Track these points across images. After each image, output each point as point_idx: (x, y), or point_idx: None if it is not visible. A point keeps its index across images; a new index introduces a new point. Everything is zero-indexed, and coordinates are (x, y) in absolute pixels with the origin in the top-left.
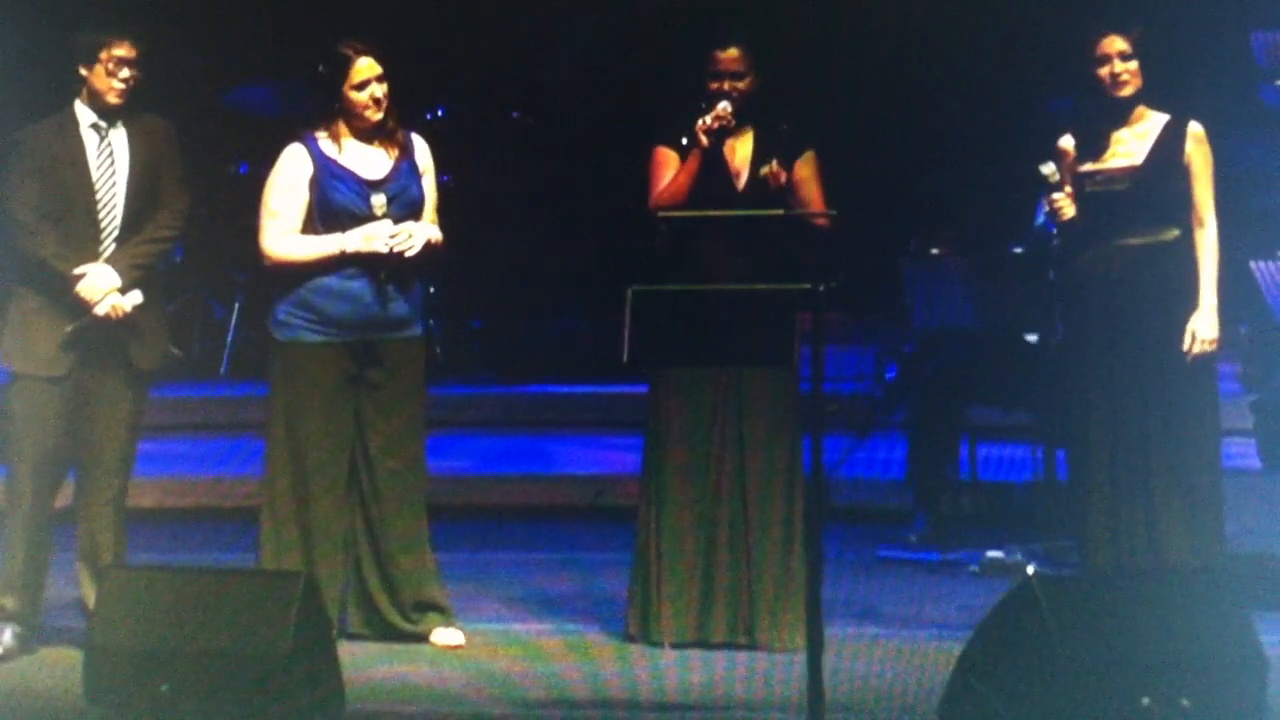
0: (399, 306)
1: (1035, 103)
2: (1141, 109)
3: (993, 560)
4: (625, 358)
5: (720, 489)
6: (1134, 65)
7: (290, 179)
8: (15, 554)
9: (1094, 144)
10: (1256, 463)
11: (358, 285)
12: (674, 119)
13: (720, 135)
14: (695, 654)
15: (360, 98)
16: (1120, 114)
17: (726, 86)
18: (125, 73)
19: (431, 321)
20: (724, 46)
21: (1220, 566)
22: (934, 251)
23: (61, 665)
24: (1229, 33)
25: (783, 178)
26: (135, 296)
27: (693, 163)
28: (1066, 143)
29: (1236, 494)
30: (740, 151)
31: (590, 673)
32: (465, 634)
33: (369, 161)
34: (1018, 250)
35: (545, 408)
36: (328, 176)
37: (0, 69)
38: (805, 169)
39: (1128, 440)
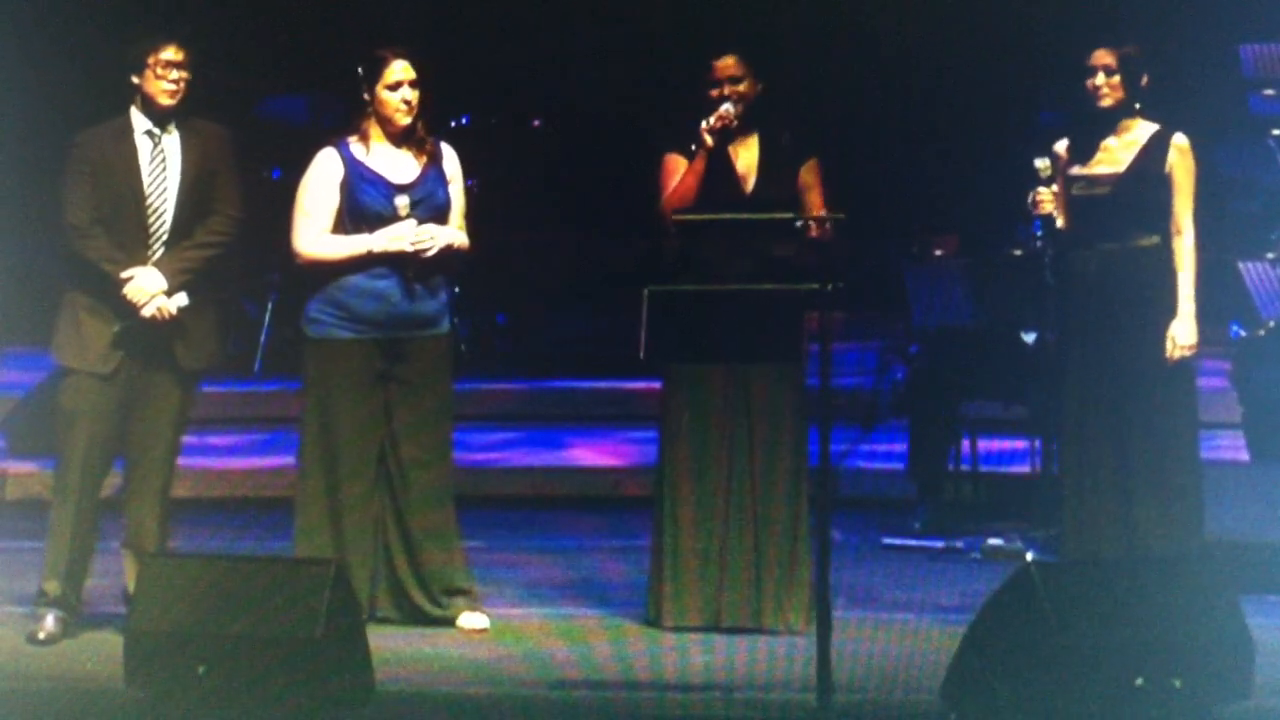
0: (425, 305)
1: (1029, 113)
2: (1133, 119)
3: (993, 547)
4: (642, 355)
5: (731, 479)
6: (1115, 80)
7: (322, 181)
8: (61, 543)
9: (1086, 149)
10: (1245, 455)
11: (384, 284)
12: (680, 127)
13: (725, 136)
14: (709, 637)
15: (392, 99)
16: (1109, 123)
17: (726, 92)
18: (174, 74)
19: (456, 320)
20: (719, 56)
21: (1199, 555)
22: (937, 253)
23: (102, 649)
24: (1218, 45)
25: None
26: (181, 299)
27: (699, 164)
28: (1061, 146)
29: (1227, 485)
30: (746, 157)
31: (609, 655)
32: (490, 618)
33: (397, 166)
34: (1016, 253)
35: (565, 402)
36: (357, 179)
37: (59, 79)
38: (809, 176)
39: (1102, 436)
